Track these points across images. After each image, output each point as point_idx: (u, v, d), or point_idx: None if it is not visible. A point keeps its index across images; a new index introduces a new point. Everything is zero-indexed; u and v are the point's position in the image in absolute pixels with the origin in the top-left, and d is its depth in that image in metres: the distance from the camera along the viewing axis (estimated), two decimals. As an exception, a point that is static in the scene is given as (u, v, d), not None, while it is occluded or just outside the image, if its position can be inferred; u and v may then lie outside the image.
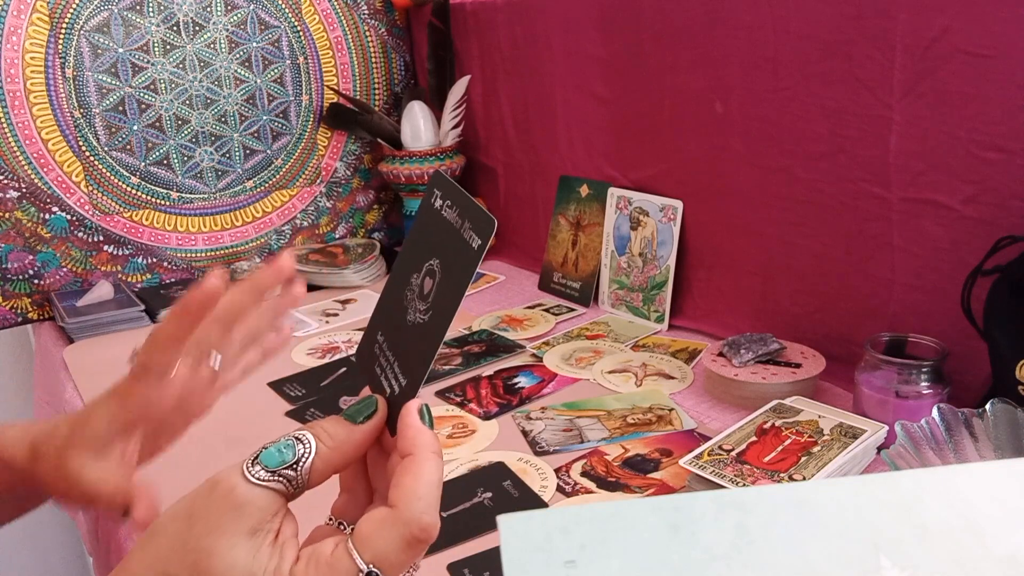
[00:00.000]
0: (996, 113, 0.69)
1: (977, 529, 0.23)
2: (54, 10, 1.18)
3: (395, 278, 0.40)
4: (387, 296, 0.40)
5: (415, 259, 0.38)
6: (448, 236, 0.36)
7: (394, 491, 0.33)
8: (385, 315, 0.40)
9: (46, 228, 1.22)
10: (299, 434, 0.34)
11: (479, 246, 0.34)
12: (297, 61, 1.40)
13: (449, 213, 0.37)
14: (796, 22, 0.83)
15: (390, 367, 0.38)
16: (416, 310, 0.37)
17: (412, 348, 0.37)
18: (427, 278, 0.37)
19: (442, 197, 0.38)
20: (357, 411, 0.36)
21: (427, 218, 0.39)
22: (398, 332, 0.38)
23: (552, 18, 1.18)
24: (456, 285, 0.35)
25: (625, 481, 0.71)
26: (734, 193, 0.96)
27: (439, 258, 0.37)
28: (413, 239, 0.40)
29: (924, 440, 0.62)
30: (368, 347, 0.41)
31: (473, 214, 0.35)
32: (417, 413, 0.35)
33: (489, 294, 1.26)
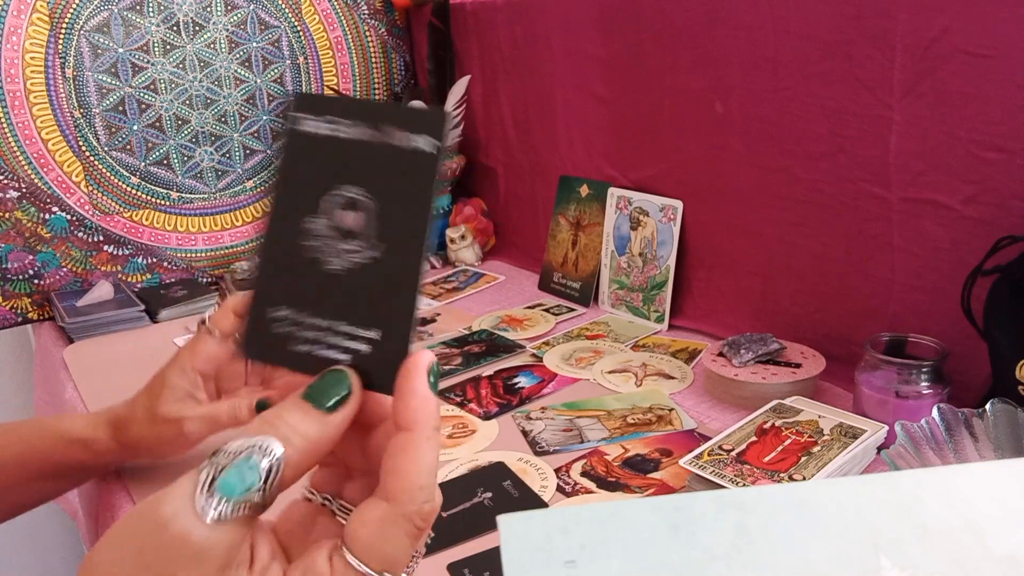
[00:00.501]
0: (996, 113, 0.69)
1: (977, 529, 0.23)
2: (54, 10, 1.18)
3: (272, 237, 0.31)
4: (269, 262, 0.32)
5: (297, 202, 0.31)
6: (359, 155, 0.30)
7: (391, 479, 0.28)
8: (278, 283, 0.31)
9: (46, 228, 1.22)
10: (261, 443, 0.26)
11: (433, 145, 0.29)
12: (297, 61, 1.40)
13: (346, 130, 0.30)
14: (796, 22, 0.83)
15: (329, 333, 0.30)
16: (344, 252, 0.30)
17: (365, 294, 0.30)
18: (339, 212, 0.30)
19: (319, 116, 0.31)
20: (324, 392, 0.29)
21: (299, 150, 0.31)
22: (318, 290, 0.31)
23: (552, 18, 1.18)
24: (413, 200, 0.29)
25: (625, 481, 0.71)
26: (734, 193, 0.96)
27: (358, 184, 0.30)
28: (285, 183, 0.31)
29: (924, 440, 0.62)
30: (261, 332, 0.31)
31: (401, 115, 0.29)
32: (427, 374, 0.29)
33: (489, 294, 1.26)
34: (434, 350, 1.03)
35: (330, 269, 0.30)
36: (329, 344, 0.30)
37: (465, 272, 1.36)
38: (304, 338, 0.31)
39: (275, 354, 0.31)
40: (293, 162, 0.31)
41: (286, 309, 0.31)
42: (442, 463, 0.75)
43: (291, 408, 0.28)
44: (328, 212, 0.30)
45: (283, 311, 0.31)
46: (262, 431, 0.27)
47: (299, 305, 0.31)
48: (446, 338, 1.07)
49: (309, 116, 0.31)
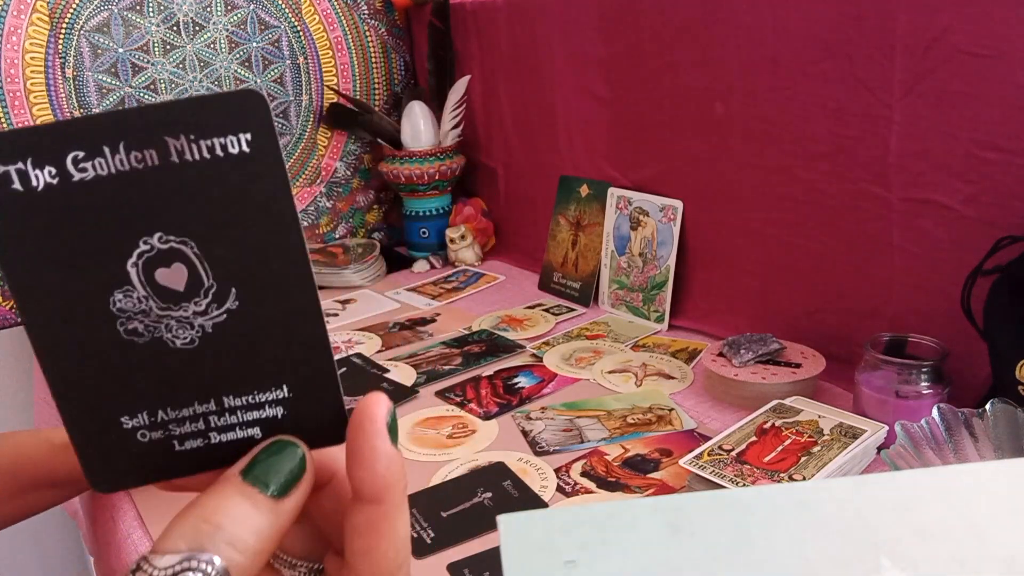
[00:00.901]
0: (996, 113, 0.69)
1: (977, 529, 0.23)
2: (54, 10, 1.18)
3: (56, 341, 0.23)
4: (71, 374, 0.23)
5: (79, 282, 0.22)
6: (142, 191, 0.21)
7: (363, 561, 0.23)
8: (103, 393, 0.23)
9: (46, 228, 1.22)
10: (197, 561, 0.21)
11: (254, 141, 0.21)
12: (297, 61, 1.40)
13: (103, 163, 0.21)
14: (796, 22, 0.83)
15: (217, 415, 0.24)
16: (187, 321, 0.23)
17: (243, 355, 0.23)
18: (159, 271, 0.22)
19: (44, 160, 0.21)
20: (271, 470, 0.23)
21: (33, 212, 0.21)
22: (176, 376, 0.23)
23: (552, 18, 1.18)
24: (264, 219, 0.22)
25: (625, 481, 0.71)
26: (734, 193, 0.96)
27: (158, 230, 0.22)
28: (31, 267, 0.22)
29: (924, 440, 0.62)
30: (116, 453, 0.24)
31: (190, 117, 0.21)
32: (386, 427, 0.23)
33: (489, 294, 1.26)
34: (434, 350, 1.03)
35: (180, 346, 0.23)
36: (224, 427, 0.24)
37: (465, 272, 1.36)
38: (187, 433, 0.24)
39: (155, 468, 0.24)
40: (36, 237, 0.21)
41: (140, 414, 0.24)
42: (442, 463, 0.75)
43: (233, 497, 0.22)
44: (139, 277, 0.22)
45: (138, 418, 0.24)
46: (199, 538, 0.21)
47: (156, 403, 0.24)
48: (446, 338, 1.07)
49: (22, 165, 0.21)
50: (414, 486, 0.71)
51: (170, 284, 0.22)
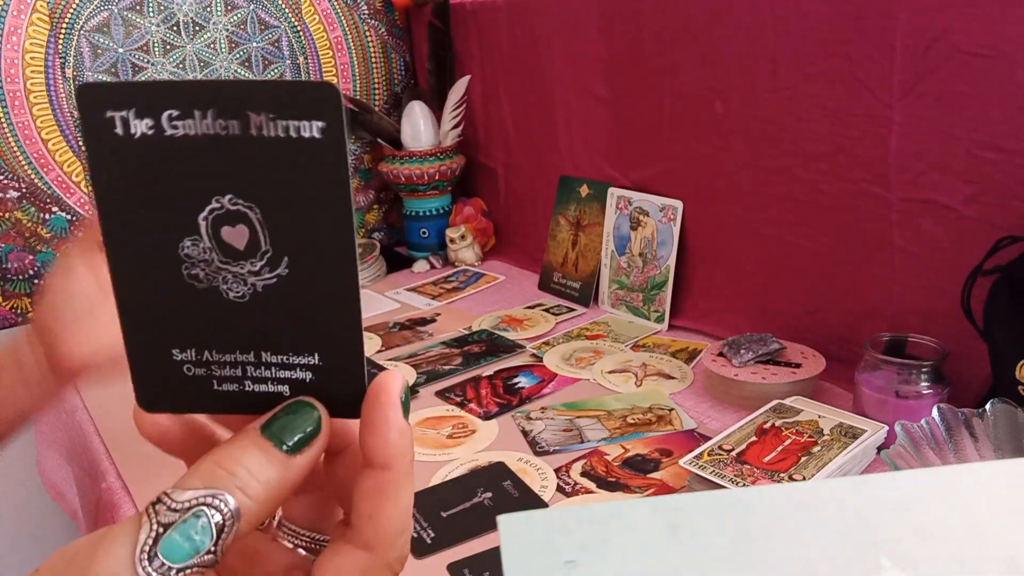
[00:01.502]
0: (996, 113, 0.69)
1: (977, 529, 0.23)
2: (54, 10, 1.18)
3: (131, 271, 0.25)
4: (138, 301, 0.26)
5: (159, 224, 0.25)
6: (223, 155, 0.24)
7: (370, 525, 0.24)
8: (162, 324, 0.26)
9: (46, 228, 1.22)
10: (211, 497, 0.23)
11: (327, 130, 0.23)
12: (297, 61, 1.40)
13: (192, 124, 0.23)
14: (796, 22, 0.83)
15: (254, 366, 0.26)
16: (240, 277, 0.25)
17: (287, 317, 0.25)
18: (225, 228, 0.24)
19: (144, 113, 0.23)
20: (288, 428, 0.25)
21: (128, 158, 0.24)
22: (222, 323, 0.26)
23: (552, 18, 1.18)
24: (323, 198, 0.24)
25: (625, 481, 0.71)
26: (734, 193, 0.96)
27: (231, 192, 0.24)
28: (120, 201, 0.25)
29: (924, 440, 0.62)
30: (166, 379, 0.27)
31: (274, 97, 0.23)
32: (400, 401, 0.25)
33: (489, 294, 1.26)
34: (434, 350, 1.03)
35: (231, 297, 0.25)
36: (258, 378, 0.26)
37: (465, 272, 1.36)
38: (225, 376, 0.26)
39: (194, 399, 0.27)
40: (127, 178, 0.24)
41: (189, 350, 0.26)
42: (442, 463, 0.75)
43: (249, 448, 0.24)
44: (207, 230, 0.24)
45: (187, 352, 0.26)
46: (214, 479, 0.23)
47: (204, 344, 0.26)
48: (446, 338, 1.07)
49: (126, 113, 0.23)
50: (414, 486, 0.71)
51: (232, 242, 0.24)
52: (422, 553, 0.62)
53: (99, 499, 0.78)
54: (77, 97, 0.24)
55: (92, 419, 0.89)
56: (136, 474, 0.76)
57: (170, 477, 0.25)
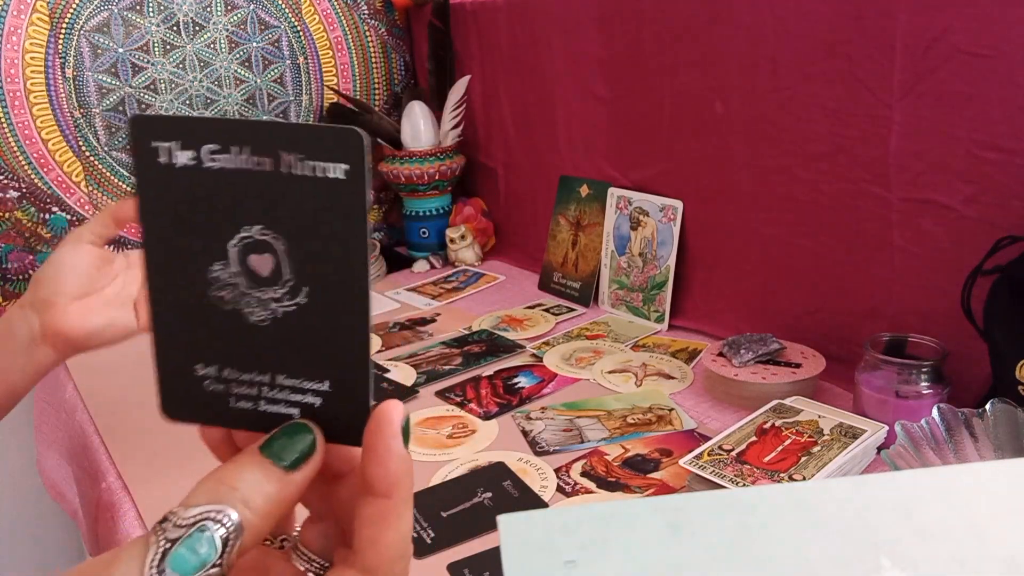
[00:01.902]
0: (996, 113, 0.69)
1: (977, 529, 0.23)
2: (54, 10, 1.18)
3: (165, 288, 0.28)
4: (170, 317, 0.28)
5: (193, 248, 0.27)
6: (255, 189, 0.26)
7: (371, 551, 0.25)
8: (190, 339, 0.28)
9: (46, 228, 1.22)
10: (215, 512, 0.24)
11: (349, 172, 0.25)
12: (297, 61, 1.40)
13: (229, 159, 0.26)
14: (796, 22, 0.83)
15: (268, 387, 0.28)
16: (263, 302, 0.27)
17: (302, 344, 0.27)
18: (252, 257, 0.26)
19: (188, 145, 0.26)
20: (286, 448, 0.26)
21: (170, 186, 0.26)
22: (243, 344, 0.27)
23: (552, 18, 1.18)
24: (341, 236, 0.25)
25: (625, 481, 0.71)
26: (734, 193, 0.96)
27: (260, 223, 0.26)
28: (161, 225, 0.27)
29: (924, 440, 0.62)
30: (188, 390, 0.28)
31: (303, 139, 0.25)
32: (400, 432, 0.26)
33: (489, 294, 1.26)
34: (434, 350, 1.03)
35: (254, 321, 0.27)
36: (272, 399, 0.28)
37: (465, 272, 1.36)
38: (242, 394, 0.28)
39: (212, 413, 0.28)
40: (169, 203, 0.27)
41: (212, 366, 0.28)
42: (442, 463, 0.75)
43: (249, 466, 0.25)
44: (235, 257, 0.26)
45: (210, 368, 0.28)
46: (218, 496, 0.25)
47: (225, 361, 0.28)
48: (446, 338, 1.07)
49: (171, 144, 0.26)
50: (414, 486, 0.71)
51: (258, 269, 0.26)
52: (422, 553, 0.62)
53: (99, 499, 0.78)
54: (129, 126, 0.26)
55: (92, 419, 0.89)
56: (136, 474, 0.76)
57: (169, 477, 0.26)
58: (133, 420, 0.87)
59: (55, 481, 1.09)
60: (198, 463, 0.29)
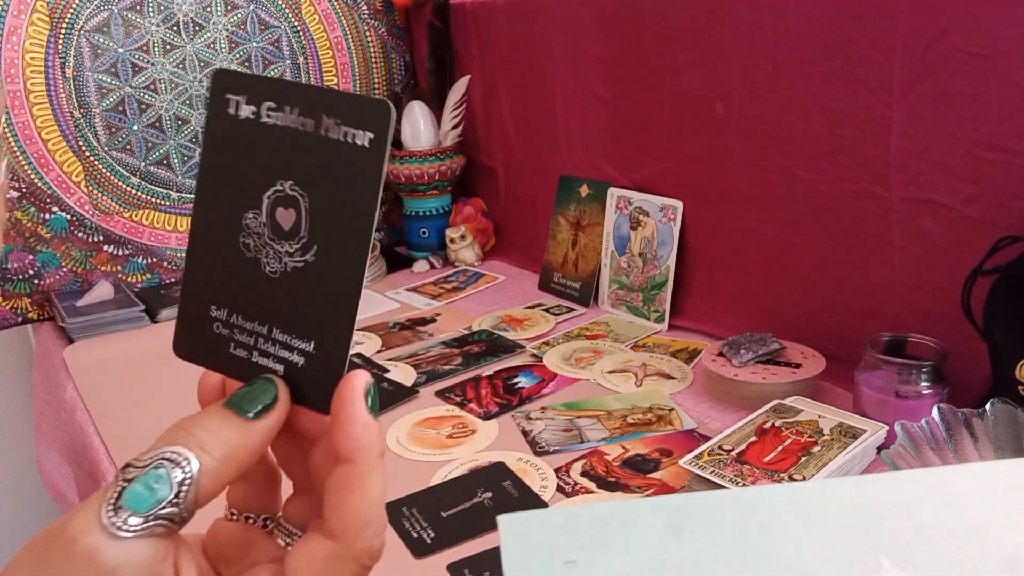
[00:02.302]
0: (996, 113, 0.69)
1: (977, 529, 0.23)
2: (54, 10, 1.18)
3: (205, 227, 0.29)
4: (202, 255, 0.30)
5: (236, 193, 0.29)
6: (294, 146, 0.27)
7: (335, 515, 0.26)
8: (212, 279, 0.29)
9: (46, 228, 1.22)
10: (172, 453, 0.25)
11: (373, 141, 0.26)
12: (297, 61, 1.40)
13: (281, 117, 0.27)
14: (796, 22, 0.83)
15: (264, 339, 0.28)
16: (279, 254, 0.28)
17: (301, 301, 0.28)
18: (280, 209, 0.28)
19: (251, 100, 0.28)
20: (248, 400, 0.27)
21: (232, 134, 0.28)
22: (253, 293, 0.29)
23: (552, 18, 1.18)
24: (354, 201, 0.26)
25: (625, 481, 0.71)
26: (734, 193, 0.96)
27: (291, 178, 0.27)
28: (216, 168, 0.29)
29: (924, 440, 0.62)
30: (199, 331, 0.30)
31: (339, 105, 0.26)
32: (364, 397, 0.26)
33: (489, 294, 1.26)
34: (434, 350, 1.03)
35: (267, 271, 0.28)
36: (264, 352, 0.29)
37: (465, 272, 1.36)
38: (241, 342, 0.29)
39: (212, 357, 0.30)
40: (227, 149, 0.29)
41: (223, 309, 0.29)
42: (442, 463, 0.75)
43: (210, 414, 0.26)
44: (266, 208, 0.28)
45: (221, 311, 0.29)
46: (175, 439, 0.25)
47: (235, 306, 0.29)
48: (446, 338, 1.07)
49: (240, 98, 0.28)
50: (414, 486, 0.71)
51: (281, 222, 0.28)
52: (422, 553, 0.62)
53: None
54: (211, 78, 0.29)
55: (92, 419, 0.89)
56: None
57: None
58: (133, 420, 0.87)
59: (55, 481, 1.09)
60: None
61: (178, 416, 0.28)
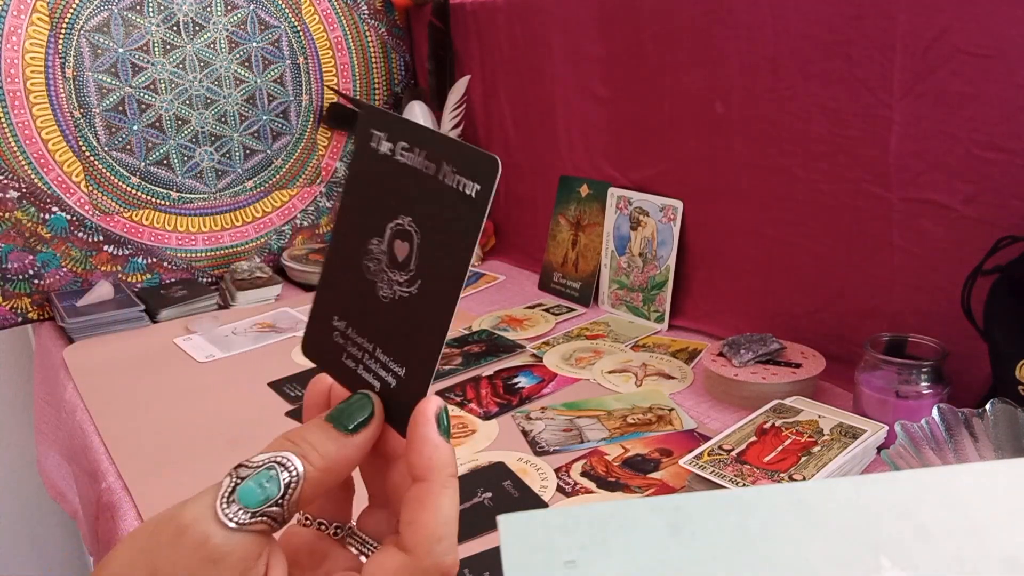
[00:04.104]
0: (996, 113, 0.69)
1: (977, 529, 0.23)
2: (54, 10, 1.18)
3: (341, 246, 0.33)
4: (335, 269, 0.33)
5: (368, 219, 0.31)
6: (417, 186, 0.30)
7: (408, 530, 0.27)
8: (339, 293, 0.33)
9: (46, 228, 1.22)
10: (281, 458, 0.27)
11: (479, 193, 0.28)
12: (297, 61, 1.40)
13: (410, 157, 0.30)
14: (796, 22, 0.83)
15: (368, 356, 0.31)
16: (391, 282, 0.30)
17: (401, 329, 0.30)
18: (397, 241, 0.30)
19: (390, 138, 0.31)
20: (347, 415, 0.29)
21: (372, 166, 0.32)
22: (368, 312, 0.31)
23: (552, 18, 1.18)
24: (454, 246, 0.29)
25: (625, 481, 0.71)
26: (734, 193, 0.96)
27: (410, 215, 0.30)
28: (356, 195, 0.33)
29: (924, 440, 0.62)
30: (322, 335, 0.33)
31: (456, 154, 0.29)
32: (435, 420, 0.28)
33: (489, 294, 1.26)
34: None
35: (380, 295, 0.31)
36: (368, 367, 0.31)
37: (465, 272, 1.36)
38: (352, 354, 0.32)
39: (329, 361, 0.33)
40: (366, 178, 0.32)
41: (343, 321, 0.32)
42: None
43: (313, 428, 0.29)
44: (387, 238, 0.31)
45: (341, 323, 0.33)
46: (283, 447, 0.28)
47: (352, 321, 0.32)
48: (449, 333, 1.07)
49: (382, 135, 0.31)
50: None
51: (397, 253, 0.30)
52: (422, 553, 0.62)
53: (99, 499, 0.78)
54: (361, 115, 0.33)
55: (92, 419, 0.89)
56: (136, 474, 0.76)
57: (169, 477, 0.26)
58: (133, 420, 0.87)
59: (55, 481, 1.09)
60: (198, 463, 0.29)
61: (177, 415, 0.28)
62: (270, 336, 1.11)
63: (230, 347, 1.07)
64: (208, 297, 1.24)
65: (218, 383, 0.97)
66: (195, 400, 0.92)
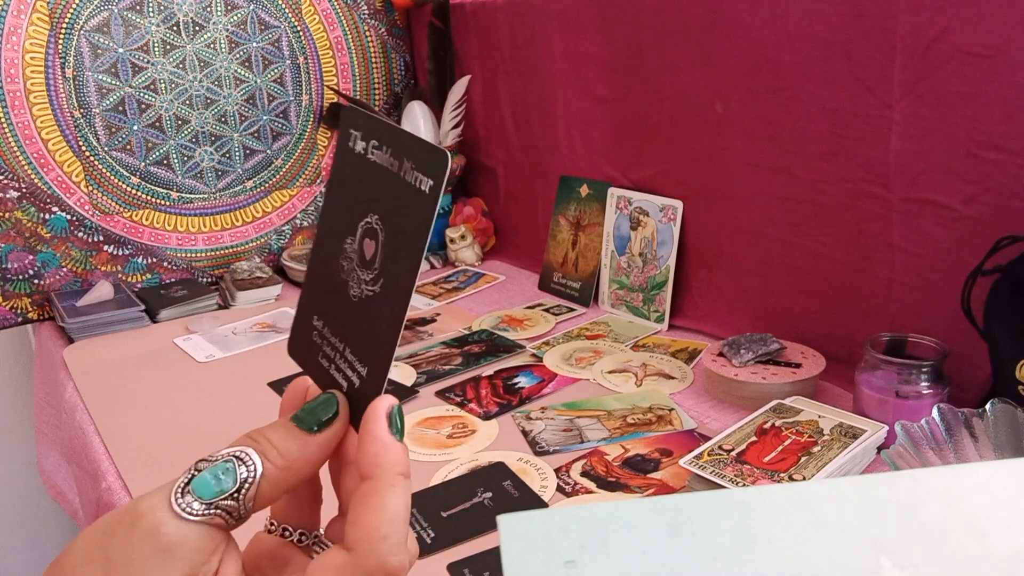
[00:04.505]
0: (996, 113, 0.69)
1: (977, 529, 0.23)
2: (54, 10, 1.18)
3: (321, 245, 0.33)
4: (316, 269, 0.33)
5: (344, 218, 0.31)
6: (384, 184, 0.30)
7: (352, 528, 0.27)
8: (318, 292, 0.33)
9: (46, 228, 1.22)
10: (240, 452, 0.27)
11: (431, 188, 0.27)
12: (297, 61, 1.40)
13: (379, 155, 0.30)
14: (796, 22, 0.83)
15: (339, 355, 0.31)
16: (360, 281, 0.30)
17: (365, 329, 0.30)
18: (366, 239, 0.30)
19: (363, 137, 0.31)
20: (311, 415, 0.29)
21: (348, 166, 0.32)
22: (340, 311, 0.31)
23: (552, 18, 1.18)
24: (409, 243, 0.28)
25: (625, 481, 0.71)
26: (734, 193, 0.96)
27: (377, 213, 0.30)
28: (335, 194, 0.32)
29: (924, 440, 0.62)
30: (303, 335, 0.33)
31: (415, 150, 0.28)
32: (385, 418, 0.28)
33: (489, 294, 1.26)
34: (434, 350, 1.03)
35: (350, 294, 0.31)
36: (339, 367, 0.31)
37: (465, 272, 1.36)
38: (326, 353, 0.32)
39: (307, 360, 0.33)
40: (344, 177, 0.32)
41: (321, 321, 0.32)
42: (442, 463, 0.75)
43: (276, 427, 0.29)
44: (359, 236, 0.31)
45: (319, 322, 0.32)
46: (244, 443, 0.28)
47: (328, 321, 0.32)
48: (446, 338, 1.07)
49: (358, 134, 0.31)
50: (414, 486, 0.71)
51: (366, 252, 0.30)
52: (422, 553, 0.62)
53: (99, 499, 0.78)
54: (342, 113, 0.32)
55: (92, 419, 0.89)
56: (136, 474, 0.76)
57: (169, 478, 0.26)
58: (133, 420, 0.87)
59: (55, 481, 1.09)
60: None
61: (177, 415, 0.29)
62: (270, 336, 1.11)
63: (230, 347, 1.07)
64: (208, 297, 1.24)
65: (218, 383, 0.97)
66: (195, 400, 0.92)
